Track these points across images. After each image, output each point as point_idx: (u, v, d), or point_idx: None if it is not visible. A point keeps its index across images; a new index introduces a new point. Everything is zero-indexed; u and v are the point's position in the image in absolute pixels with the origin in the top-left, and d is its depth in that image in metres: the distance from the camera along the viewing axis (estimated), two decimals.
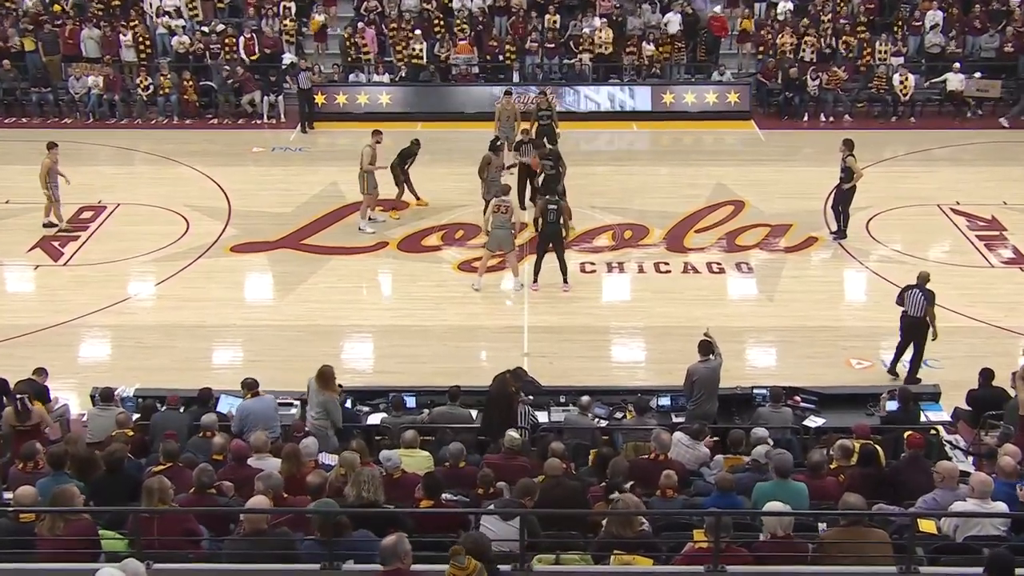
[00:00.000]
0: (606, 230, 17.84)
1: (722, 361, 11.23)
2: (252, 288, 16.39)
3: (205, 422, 9.95)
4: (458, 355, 13.88)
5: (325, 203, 18.93)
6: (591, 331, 14.60)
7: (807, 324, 14.69)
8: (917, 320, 12.83)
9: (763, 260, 16.81)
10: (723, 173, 20.46)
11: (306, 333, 14.46)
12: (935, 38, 24.85)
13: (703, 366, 11.12)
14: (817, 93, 23.92)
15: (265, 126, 23.86)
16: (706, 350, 11.19)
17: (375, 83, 24.64)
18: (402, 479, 8.86)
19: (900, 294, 13.09)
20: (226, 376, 12.98)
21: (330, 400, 10.49)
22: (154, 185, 20.02)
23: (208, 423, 9.93)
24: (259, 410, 10.43)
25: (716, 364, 11.15)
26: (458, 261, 16.75)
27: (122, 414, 10.30)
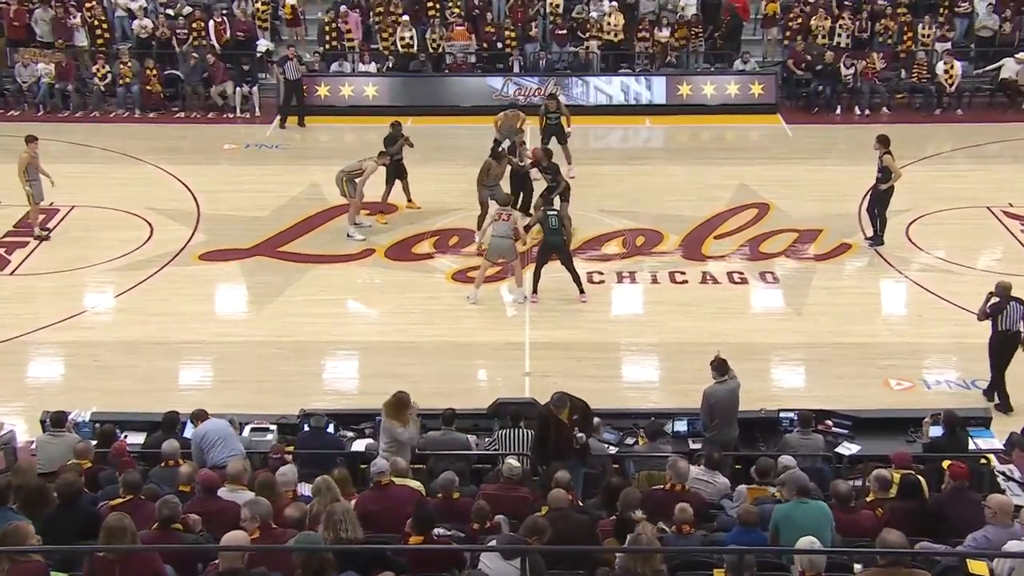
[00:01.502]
0: (616, 236, 17.86)
1: (739, 383, 11.22)
2: (224, 300, 16.40)
3: (168, 449, 9.93)
4: (453, 374, 13.88)
5: (305, 206, 18.96)
6: (599, 348, 14.61)
7: (840, 340, 14.70)
8: (1012, 335, 12.79)
9: (790, 269, 16.82)
10: (746, 173, 20.48)
11: (284, 350, 14.46)
12: (987, 20, 24.82)
13: (721, 387, 11.13)
14: (852, 83, 23.95)
15: (238, 120, 23.90)
16: (722, 369, 11.19)
17: (360, 73, 24.69)
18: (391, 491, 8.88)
19: (989, 308, 12.90)
20: (194, 398, 12.94)
21: (400, 429, 10.49)
22: (113, 186, 20.03)
23: (171, 450, 9.91)
24: (215, 428, 10.44)
25: (735, 385, 11.14)
26: (452, 270, 16.77)
27: (81, 443, 10.28)
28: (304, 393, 13.24)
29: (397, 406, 10.60)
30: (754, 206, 18.92)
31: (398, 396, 10.69)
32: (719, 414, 11.05)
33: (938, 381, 13.74)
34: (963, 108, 23.92)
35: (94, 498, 9.18)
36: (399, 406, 10.60)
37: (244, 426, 11.27)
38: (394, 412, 10.57)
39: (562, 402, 10.68)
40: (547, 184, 17.18)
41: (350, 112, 23.87)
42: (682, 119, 23.87)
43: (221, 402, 12.67)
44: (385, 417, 10.57)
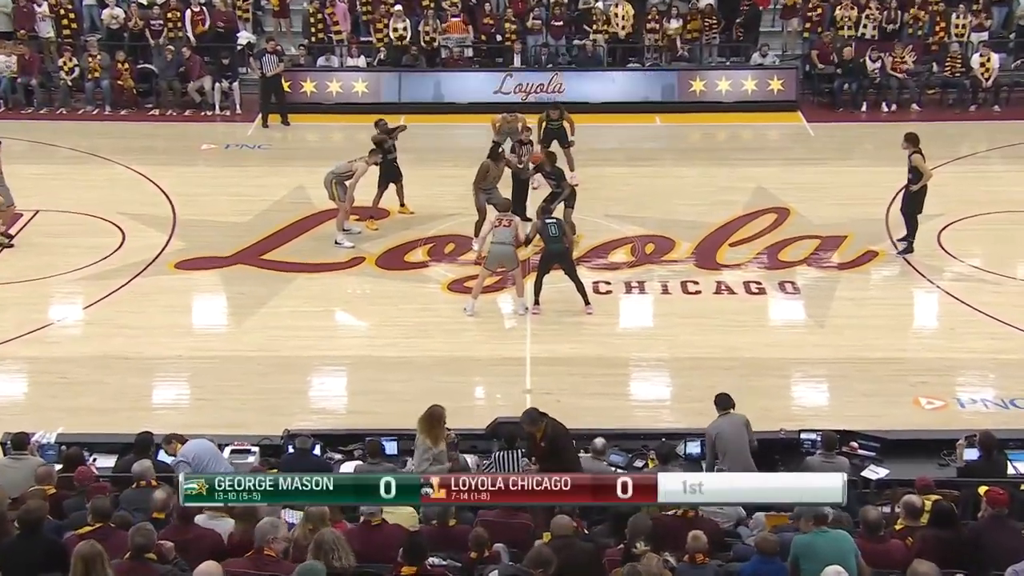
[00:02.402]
0: (623, 243, 17.88)
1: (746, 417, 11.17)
2: (201, 312, 16.41)
3: (141, 469, 9.90)
4: (448, 391, 13.80)
5: (290, 211, 18.98)
6: (605, 363, 14.60)
7: (866, 355, 14.69)
8: None
9: (812, 279, 16.83)
10: (764, 175, 20.52)
11: (266, 366, 14.45)
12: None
13: (726, 421, 11.10)
14: (879, 78, 23.99)
15: (217, 118, 23.94)
16: (725, 404, 11.17)
17: (349, 68, 24.76)
18: (384, 530, 8.86)
19: None
20: (169, 418, 12.94)
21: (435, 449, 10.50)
22: (81, 188, 20.05)
23: (144, 471, 9.88)
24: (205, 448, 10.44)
25: (739, 418, 11.11)
26: (448, 280, 16.77)
27: (43, 467, 10.22)
28: (288, 412, 13.22)
29: (430, 421, 10.60)
30: (773, 211, 18.93)
31: (431, 411, 10.66)
32: (725, 450, 10.99)
33: (973, 400, 13.71)
34: (1000, 104, 23.95)
35: (58, 526, 9.14)
36: (432, 421, 10.61)
37: (224, 448, 11.27)
38: (427, 428, 10.56)
39: (534, 420, 10.71)
40: (551, 190, 17.19)
41: (338, 110, 23.89)
42: (695, 117, 23.91)
43: (198, 422, 12.68)
44: (418, 433, 10.57)
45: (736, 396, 11.37)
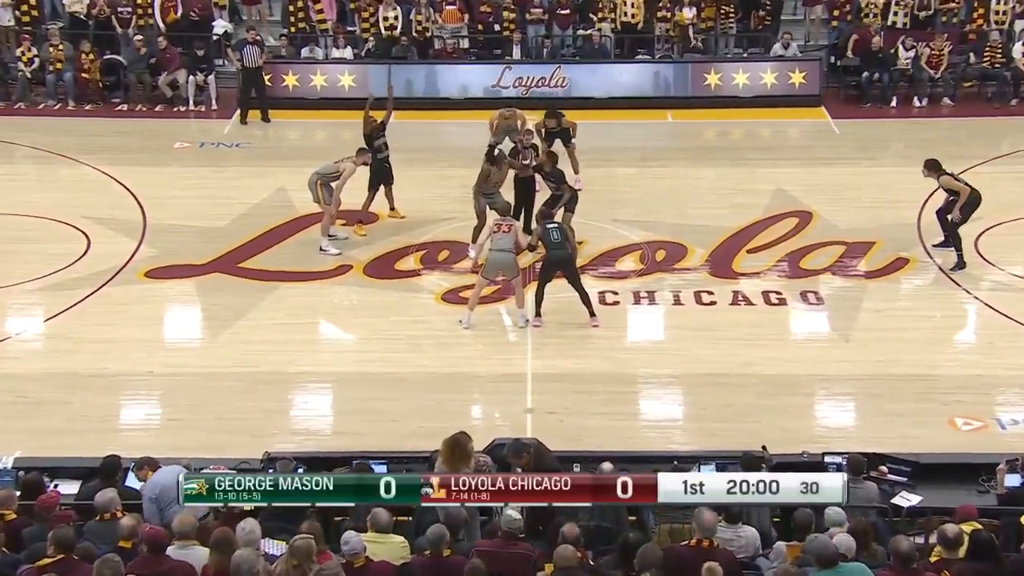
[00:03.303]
0: (632, 250, 17.90)
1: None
2: (174, 325, 16.42)
3: (105, 500, 9.88)
4: (442, 411, 13.86)
5: (270, 215, 18.99)
6: (612, 380, 14.60)
7: (896, 372, 14.69)
8: None
9: (837, 288, 16.85)
10: (785, 176, 20.56)
11: (244, 383, 14.45)
12: None
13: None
14: (911, 70, 24.02)
15: (191, 114, 23.98)
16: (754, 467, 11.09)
17: (334, 60, 24.80)
18: (368, 568, 8.83)
19: None
20: (139, 439, 12.92)
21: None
22: (42, 190, 20.10)
23: (108, 502, 9.86)
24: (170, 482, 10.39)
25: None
26: (442, 290, 16.79)
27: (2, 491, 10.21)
28: (268, 433, 13.22)
29: (452, 449, 10.43)
30: (794, 215, 18.96)
31: (456, 439, 10.56)
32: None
33: (1015, 420, 13.70)
34: None
35: (15, 559, 9.12)
36: (454, 450, 10.42)
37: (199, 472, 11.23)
38: (447, 455, 10.43)
39: (518, 453, 10.75)
40: (551, 193, 17.20)
41: (322, 105, 23.93)
42: (709, 113, 23.96)
43: (170, 444, 12.66)
44: (441, 463, 10.52)
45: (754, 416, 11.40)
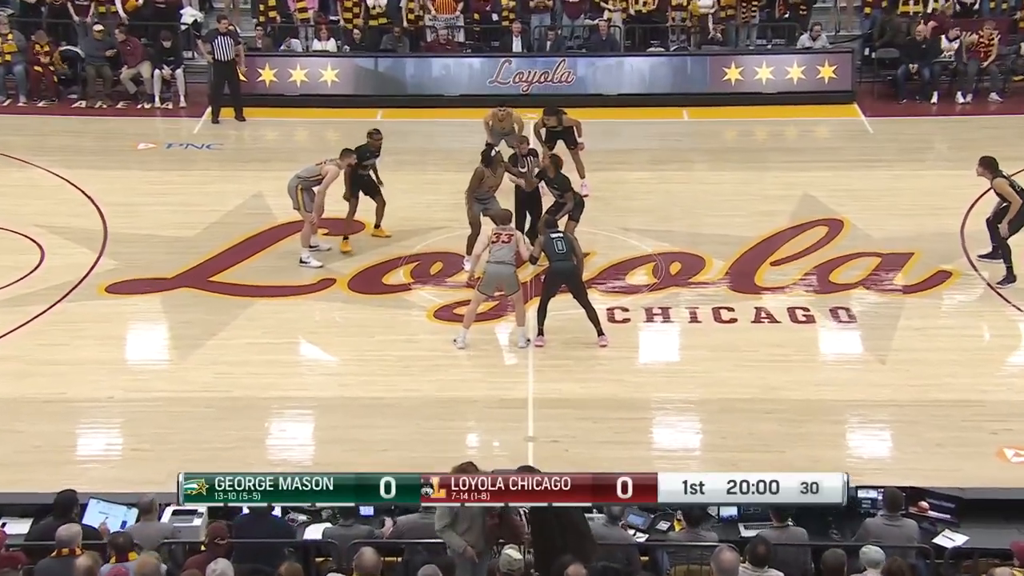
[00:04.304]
0: (644, 262, 17.92)
1: None
2: (138, 345, 16.41)
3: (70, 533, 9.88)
4: (435, 440, 13.85)
5: (245, 224, 19.00)
6: (623, 406, 14.59)
7: (938, 397, 14.68)
8: None
9: (871, 305, 16.86)
10: (813, 180, 20.58)
11: (216, 409, 14.44)
12: None
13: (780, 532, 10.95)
14: (954, 62, 24.06)
15: (157, 112, 24.02)
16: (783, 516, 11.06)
17: (316, 53, 24.82)
18: None
19: None
20: (98, 473, 12.94)
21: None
22: None
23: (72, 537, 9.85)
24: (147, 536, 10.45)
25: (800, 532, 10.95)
26: (435, 306, 16.79)
27: None
28: (243, 464, 13.14)
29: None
30: (823, 223, 18.98)
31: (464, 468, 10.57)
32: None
33: None
34: None
35: None
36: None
37: (164, 508, 11.24)
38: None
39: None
40: (554, 200, 17.21)
41: (303, 102, 23.97)
42: (730, 111, 24.02)
43: (133, 477, 12.68)
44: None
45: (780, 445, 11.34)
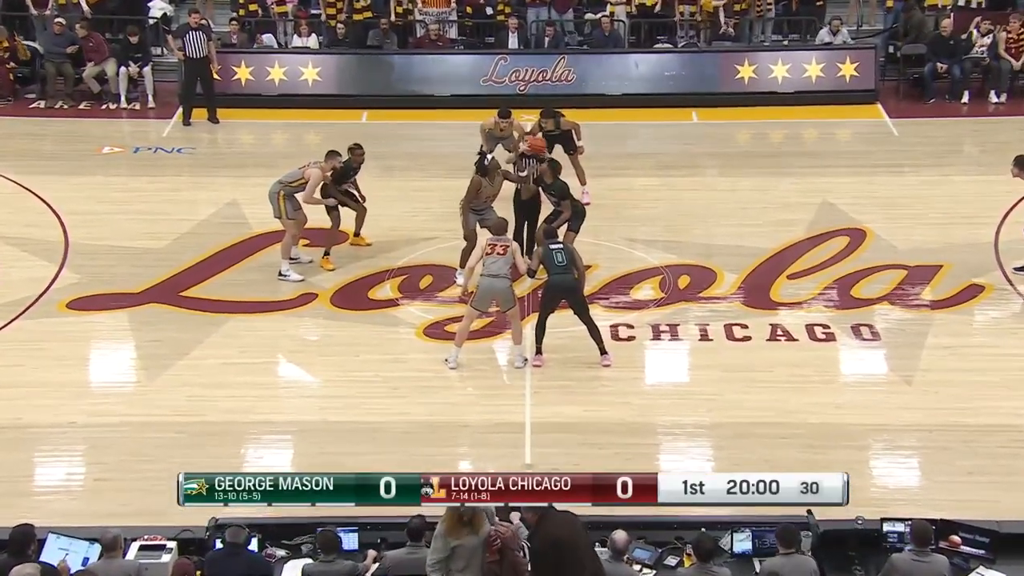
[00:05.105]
0: (651, 275, 17.96)
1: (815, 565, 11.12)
2: (102, 366, 16.42)
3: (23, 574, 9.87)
4: (425, 467, 13.63)
5: (219, 234, 19.05)
6: (628, 430, 14.61)
7: (970, 422, 14.71)
8: None
9: (896, 321, 16.90)
10: (833, 187, 20.65)
11: (187, 435, 14.43)
12: None
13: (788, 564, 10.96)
14: (986, 58, 24.10)
15: (123, 113, 24.07)
16: (789, 541, 11.10)
17: (296, 50, 24.86)
18: None
19: None
20: (58, 505, 12.94)
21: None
22: None
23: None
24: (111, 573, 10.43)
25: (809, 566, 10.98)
26: (425, 323, 16.82)
27: None
28: None
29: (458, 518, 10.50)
30: (844, 233, 19.04)
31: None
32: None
33: None
34: None
35: None
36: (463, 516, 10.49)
37: (130, 543, 11.23)
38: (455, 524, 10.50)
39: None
40: (553, 208, 17.23)
41: (281, 103, 24.01)
42: (743, 112, 24.11)
43: (97, 510, 12.72)
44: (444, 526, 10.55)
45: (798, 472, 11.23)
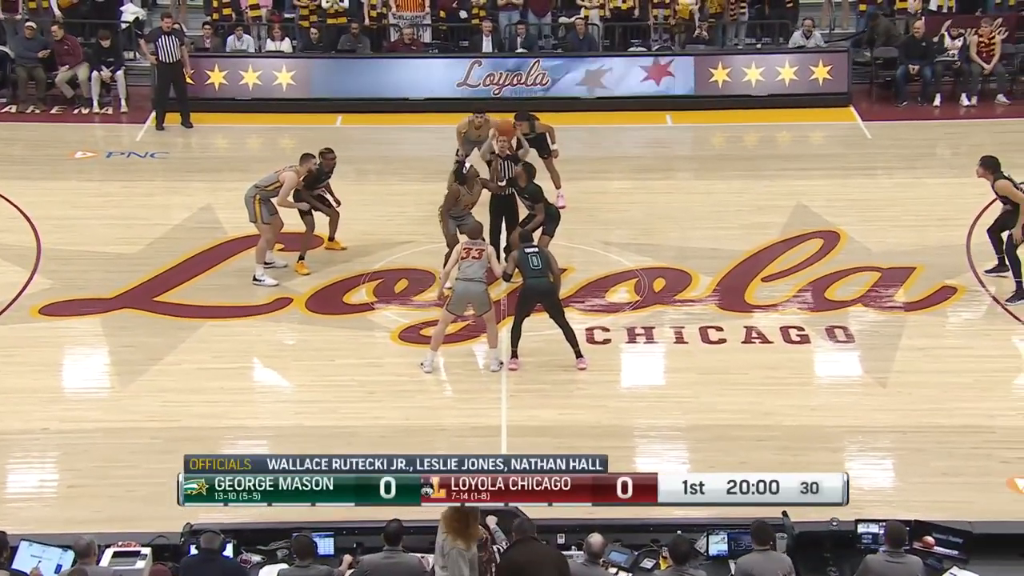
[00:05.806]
0: (626, 278, 17.97)
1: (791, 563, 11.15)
2: (75, 371, 16.39)
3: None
4: None
5: (193, 239, 19.01)
6: (603, 433, 14.58)
7: (943, 423, 14.74)
8: None
9: (870, 323, 16.95)
10: (807, 189, 20.70)
11: (163, 440, 14.34)
12: None
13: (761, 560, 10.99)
14: (958, 61, 24.19)
15: (95, 118, 24.00)
16: (764, 537, 11.14)
17: (269, 53, 24.83)
18: None
19: None
20: (30, 512, 12.90)
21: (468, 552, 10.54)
22: None
23: None
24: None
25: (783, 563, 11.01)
26: (400, 327, 16.81)
27: None
28: None
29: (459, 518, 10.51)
30: (818, 235, 19.09)
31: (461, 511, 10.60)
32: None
33: None
34: None
35: None
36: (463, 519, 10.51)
37: (104, 550, 11.21)
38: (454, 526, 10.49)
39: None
40: (527, 212, 17.23)
41: (255, 107, 23.96)
42: (717, 116, 24.15)
43: (71, 516, 12.66)
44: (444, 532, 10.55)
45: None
